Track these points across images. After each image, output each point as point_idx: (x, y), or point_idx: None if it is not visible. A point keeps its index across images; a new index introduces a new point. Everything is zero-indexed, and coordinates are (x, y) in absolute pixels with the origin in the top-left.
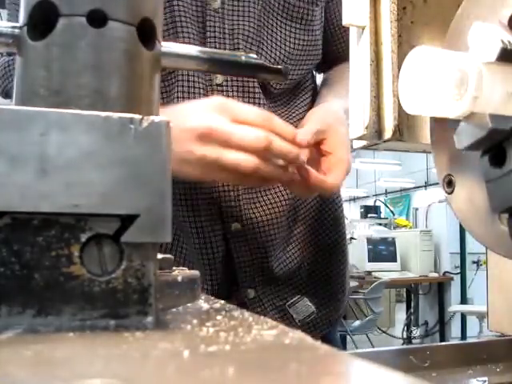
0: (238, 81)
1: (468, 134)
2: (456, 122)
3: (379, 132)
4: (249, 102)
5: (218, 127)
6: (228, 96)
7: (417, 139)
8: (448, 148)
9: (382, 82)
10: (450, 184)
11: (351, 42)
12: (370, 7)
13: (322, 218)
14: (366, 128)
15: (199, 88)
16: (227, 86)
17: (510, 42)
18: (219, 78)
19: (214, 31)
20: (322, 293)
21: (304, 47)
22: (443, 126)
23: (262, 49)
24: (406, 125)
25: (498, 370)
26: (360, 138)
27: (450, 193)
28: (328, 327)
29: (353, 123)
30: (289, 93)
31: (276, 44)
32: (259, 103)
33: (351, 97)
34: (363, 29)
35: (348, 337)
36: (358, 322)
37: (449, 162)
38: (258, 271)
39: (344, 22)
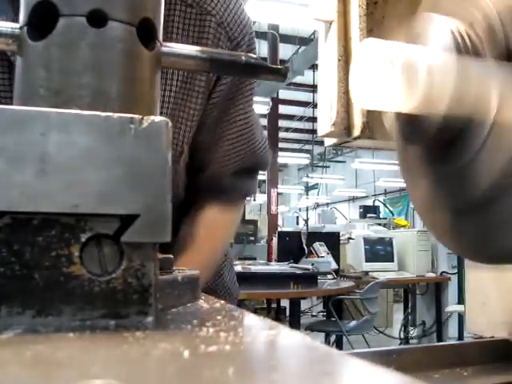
0: None
1: (416, 129)
2: (407, 115)
3: (348, 129)
4: None
5: None
6: None
7: (389, 137)
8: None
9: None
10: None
11: (319, 37)
12: (337, 2)
13: None
14: (333, 125)
15: None
16: None
17: (462, 35)
18: None
19: None
20: None
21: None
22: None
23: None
24: (377, 122)
25: (465, 373)
26: (328, 136)
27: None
28: None
29: (321, 120)
30: None
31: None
32: None
33: (319, 93)
34: (331, 23)
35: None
36: (353, 323)
37: (408, 162)
38: None
39: (311, 17)
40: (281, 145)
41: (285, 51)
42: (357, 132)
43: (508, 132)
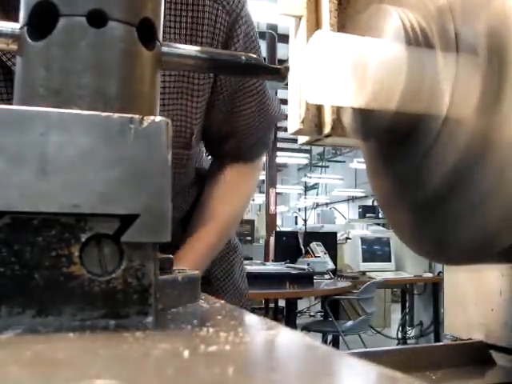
0: None
1: (370, 125)
2: (361, 110)
3: (319, 126)
4: None
5: None
6: None
7: None
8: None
9: None
10: None
11: (290, 32)
12: None
13: None
14: (302, 122)
15: None
16: None
17: (413, 28)
18: None
19: None
20: None
21: None
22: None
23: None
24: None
25: (434, 377)
26: (298, 133)
27: None
28: None
29: (290, 117)
30: None
31: None
32: None
33: (289, 89)
34: (300, 18)
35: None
36: (350, 323)
37: (368, 159)
38: None
39: (280, 12)
40: (280, 145)
41: (283, 51)
42: (327, 129)
43: (460, 126)
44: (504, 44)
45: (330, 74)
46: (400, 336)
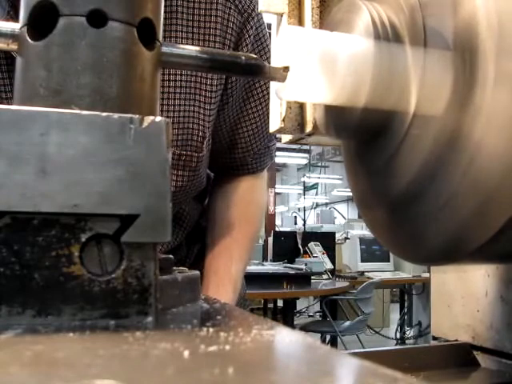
0: None
1: (341, 122)
2: (332, 107)
3: (302, 125)
4: None
5: None
6: None
7: None
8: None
9: None
10: None
11: (272, 29)
12: None
13: None
14: (283, 120)
15: None
16: None
17: (383, 22)
18: None
19: None
20: None
21: None
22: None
23: None
24: None
25: (415, 379)
26: (279, 132)
27: None
28: None
29: (272, 115)
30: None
31: None
32: None
33: (271, 87)
34: (281, 15)
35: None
36: (347, 323)
37: (345, 157)
38: None
39: (260, 9)
40: (279, 144)
41: None
42: (309, 128)
43: (428, 123)
44: (475, 39)
45: (299, 69)
46: (398, 336)
